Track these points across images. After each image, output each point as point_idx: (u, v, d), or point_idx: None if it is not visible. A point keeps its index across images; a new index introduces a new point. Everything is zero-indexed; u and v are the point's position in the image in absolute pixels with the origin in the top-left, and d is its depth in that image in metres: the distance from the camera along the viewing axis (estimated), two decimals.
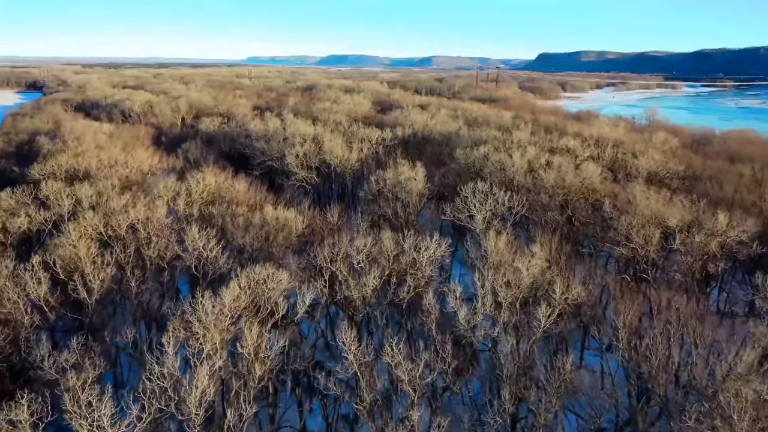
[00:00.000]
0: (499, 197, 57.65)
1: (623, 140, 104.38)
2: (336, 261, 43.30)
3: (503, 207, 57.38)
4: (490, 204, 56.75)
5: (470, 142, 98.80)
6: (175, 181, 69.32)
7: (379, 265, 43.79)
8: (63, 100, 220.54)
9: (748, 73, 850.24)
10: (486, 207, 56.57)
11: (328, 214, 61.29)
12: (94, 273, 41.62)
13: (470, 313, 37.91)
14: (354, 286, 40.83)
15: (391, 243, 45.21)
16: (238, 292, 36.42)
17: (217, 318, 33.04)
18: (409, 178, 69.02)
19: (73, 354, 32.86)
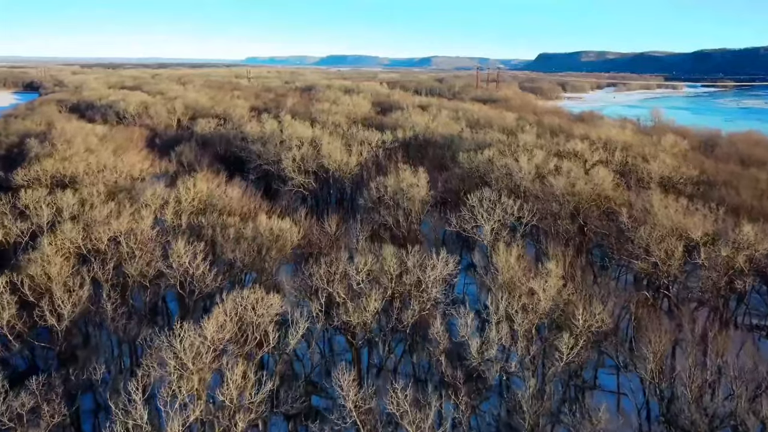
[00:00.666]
0: (508, 206, 53.96)
1: (631, 143, 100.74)
2: (333, 281, 39.64)
3: (512, 217, 53.70)
4: (499, 213, 53.13)
5: (473, 145, 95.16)
6: (165, 188, 65.65)
7: (380, 285, 40.11)
8: (58, 101, 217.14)
9: (748, 74, 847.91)
10: (494, 217, 52.96)
11: (325, 223, 57.65)
12: (65, 296, 37.77)
13: (483, 343, 34.19)
14: (353, 310, 37.16)
15: (393, 261, 41.47)
16: (223, 320, 32.76)
17: (197, 354, 29.35)
18: (411, 185, 65.39)
19: (31, 396, 28.88)
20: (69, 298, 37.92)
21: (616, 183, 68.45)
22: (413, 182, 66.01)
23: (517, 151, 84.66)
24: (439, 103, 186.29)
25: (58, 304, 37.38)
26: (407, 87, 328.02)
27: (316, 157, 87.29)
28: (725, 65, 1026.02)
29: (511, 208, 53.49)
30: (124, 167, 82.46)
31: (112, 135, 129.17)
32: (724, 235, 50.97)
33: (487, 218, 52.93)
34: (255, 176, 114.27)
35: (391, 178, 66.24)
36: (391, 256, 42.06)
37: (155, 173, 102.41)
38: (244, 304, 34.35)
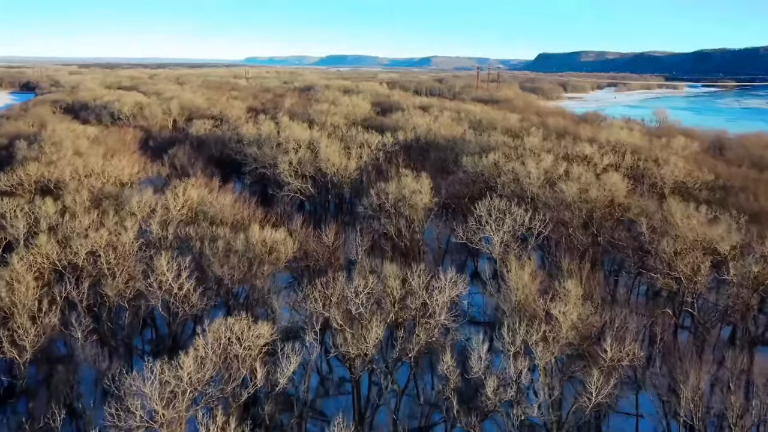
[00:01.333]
0: (518, 215, 50.26)
1: (640, 145, 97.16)
2: (329, 305, 35.95)
3: (523, 228, 50.01)
4: (508, 224, 49.46)
5: (477, 148, 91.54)
6: (153, 195, 61.95)
7: (382, 310, 36.44)
8: (53, 102, 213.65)
9: (748, 74, 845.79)
10: (503, 227, 49.31)
11: (323, 234, 53.96)
12: (28, 324, 33.96)
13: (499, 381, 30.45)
14: (352, 340, 33.46)
15: (396, 283, 37.72)
16: (204, 353, 29.11)
17: (169, 400, 25.59)
18: (413, 192, 61.72)
19: None
20: (33, 327, 34.05)
21: (630, 189, 64.73)
22: (415, 189, 62.35)
23: (523, 155, 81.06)
24: (440, 104, 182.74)
25: (18, 334, 33.55)
26: (407, 87, 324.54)
27: (314, 161, 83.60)
28: (725, 65, 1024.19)
29: (521, 218, 49.82)
30: (112, 172, 78.83)
31: (104, 137, 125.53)
32: (748, 247, 47.45)
33: (496, 229, 49.29)
34: (251, 180, 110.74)
35: (392, 184, 62.58)
36: (394, 276, 38.35)
37: (147, 177, 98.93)
38: (228, 336, 30.72)
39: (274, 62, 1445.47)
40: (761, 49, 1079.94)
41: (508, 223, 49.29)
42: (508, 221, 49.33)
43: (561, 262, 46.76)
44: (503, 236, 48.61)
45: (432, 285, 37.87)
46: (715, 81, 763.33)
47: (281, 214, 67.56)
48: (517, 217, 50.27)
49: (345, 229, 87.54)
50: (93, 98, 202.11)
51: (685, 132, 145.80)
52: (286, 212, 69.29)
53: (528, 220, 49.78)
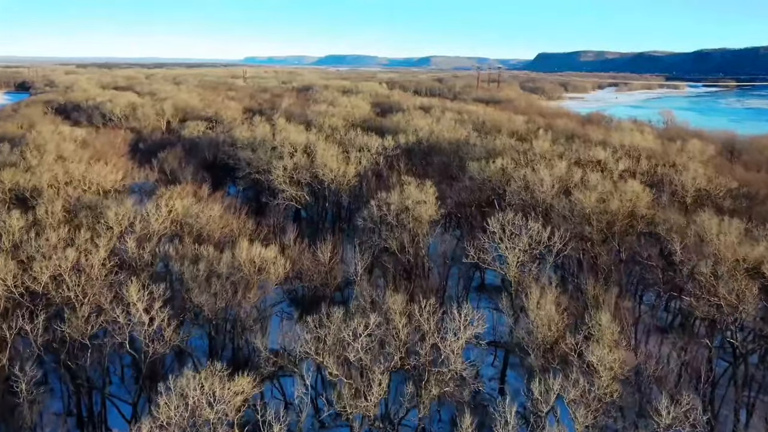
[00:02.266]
0: (533, 230, 45.01)
1: (654, 149, 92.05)
2: (322, 352, 30.72)
3: (541, 246, 44.86)
4: (525, 241, 44.31)
5: (483, 153, 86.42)
6: (135, 205, 56.73)
7: (385, 353, 31.25)
8: (45, 102, 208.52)
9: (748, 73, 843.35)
10: (519, 245, 44.16)
11: (318, 250, 48.78)
12: None
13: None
14: (349, 396, 28.28)
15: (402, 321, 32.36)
16: (167, 418, 24.07)
17: None
18: (418, 202, 56.61)
19: None
20: None
21: (654, 199, 59.54)
22: (420, 198, 57.21)
23: (533, 160, 75.95)
24: (441, 105, 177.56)
25: None
26: (407, 87, 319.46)
27: (311, 167, 78.39)
28: (725, 65, 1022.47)
29: (539, 234, 44.66)
30: (94, 178, 73.65)
31: (92, 139, 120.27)
32: None
33: (511, 246, 44.14)
34: (243, 186, 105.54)
35: (395, 194, 57.38)
36: (400, 313, 33.06)
37: (134, 183, 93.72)
38: (197, 397, 25.52)
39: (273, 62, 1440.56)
40: (761, 49, 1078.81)
41: (525, 241, 44.13)
42: (524, 238, 44.18)
43: (585, 284, 41.71)
44: (519, 256, 43.42)
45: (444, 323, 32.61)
46: (716, 81, 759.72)
47: (274, 226, 62.46)
48: (533, 233, 45.10)
49: (343, 240, 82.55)
50: (85, 99, 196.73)
51: (694, 134, 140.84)
52: (279, 224, 64.19)
53: (547, 237, 44.57)
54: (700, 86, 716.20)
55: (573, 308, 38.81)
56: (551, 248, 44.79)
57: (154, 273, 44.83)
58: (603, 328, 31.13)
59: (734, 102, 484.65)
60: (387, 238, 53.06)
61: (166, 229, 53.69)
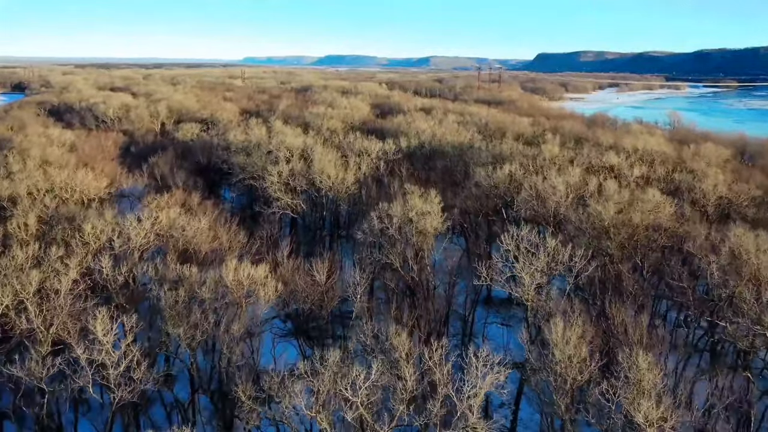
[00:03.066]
0: (553, 248, 40.56)
1: (668, 153, 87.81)
2: (316, 405, 26.27)
3: (562, 266, 40.41)
4: (543, 260, 39.91)
5: (489, 158, 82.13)
6: (116, 217, 52.33)
7: (389, 410, 26.78)
8: (38, 103, 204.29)
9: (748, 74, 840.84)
10: (536, 264, 39.74)
11: (314, 268, 44.39)
12: None
13: None
14: None
15: (409, 367, 27.82)
16: None
17: None
18: (422, 213, 52.25)
19: None
20: None
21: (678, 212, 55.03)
22: (425, 209, 52.83)
23: (543, 166, 71.63)
24: (442, 106, 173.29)
25: None
26: (406, 87, 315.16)
27: (307, 173, 74.01)
28: (725, 65, 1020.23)
29: (560, 254, 40.17)
30: (77, 186, 69.29)
31: (81, 143, 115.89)
32: None
33: (527, 266, 39.69)
34: (237, 193, 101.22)
35: (397, 205, 52.95)
36: (407, 354, 28.61)
37: (122, 188, 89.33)
38: None
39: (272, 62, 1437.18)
40: (761, 49, 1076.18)
41: (542, 260, 39.75)
42: (541, 257, 39.78)
43: (610, 308, 37.32)
44: (536, 275, 39.01)
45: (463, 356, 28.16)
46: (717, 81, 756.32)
47: (267, 238, 58.09)
48: (551, 252, 40.67)
49: (342, 251, 78.17)
50: (79, 100, 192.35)
51: (702, 136, 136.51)
52: (273, 235, 59.81)
53: (568, 257, 40.03)
54: (701, 86, 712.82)
55: (600, 338, 34.52)
56: (571, 268, 40.39)
57: (132, 295, 40.49)
58: (642, 373, 26.77)
59: (736, 102, 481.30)
60: (389, 253, 48.69)
61: (148, 243, 49.30)
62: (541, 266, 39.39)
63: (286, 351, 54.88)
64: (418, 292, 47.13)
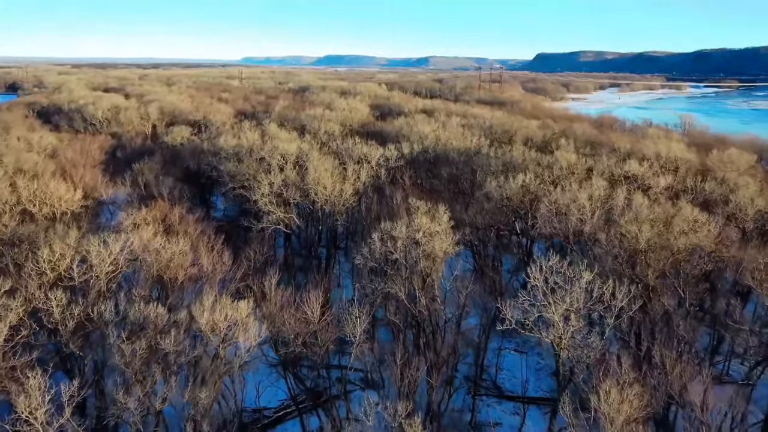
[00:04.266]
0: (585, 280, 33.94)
1: (692, 160, 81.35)
2: None
3: (601, 305, 33.60)
4: (578, 298, 33.31)
5: (500, 166, 75.63)
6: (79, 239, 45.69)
7: None
8: (27, 104, 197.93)
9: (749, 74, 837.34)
10: (569, 303, 33.20)
11: (306, 304, 37.87)
12: None
13: None
14: None
15: None
16: None
17: None
18: (431, 233, 45.74)
19: None
20: None
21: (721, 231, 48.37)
22: (433, 229, 46.30)
23: (560, 176, 65.22)
24: (444, 107, 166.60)
25: None
26: (406, 88, 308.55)
27: (302, 183, 67.45)
28: (725, 65, 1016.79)
29: (599, 289, 33.45)
30: (48, 198, 62.79)
31: (63, 148, 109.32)
32: None
33: (557, 304, 33.09)
34: (226, 205, 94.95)
35: (401, 224, 46.31)
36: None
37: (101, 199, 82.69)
38: None
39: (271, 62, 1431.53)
40: (761, 49, 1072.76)
41: (578, 298, 33.16)
42: (578, 294, 33.16)
43: (659, 358, 30.89)
44: (573, 320, 32.43)
45: None
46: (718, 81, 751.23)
47: (255, 260, 51.55)
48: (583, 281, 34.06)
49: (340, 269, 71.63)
50: (68, 101, 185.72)
51: (719, 139, 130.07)
52: (261, 256, 53.26)
53: (610, 296, 33.15)
54: (702, 87, 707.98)
55: (652, 396, 28.15)
56: (610, 305, 33.76)
57: (86, 341, 34.02)
58: None
59: (740, 103, 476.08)
60: (393, 281, 42.15)
61: (117, 269, 42.74)
62: (576, 305, 32.86)
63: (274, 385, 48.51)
64: (426, 328, 40.69)
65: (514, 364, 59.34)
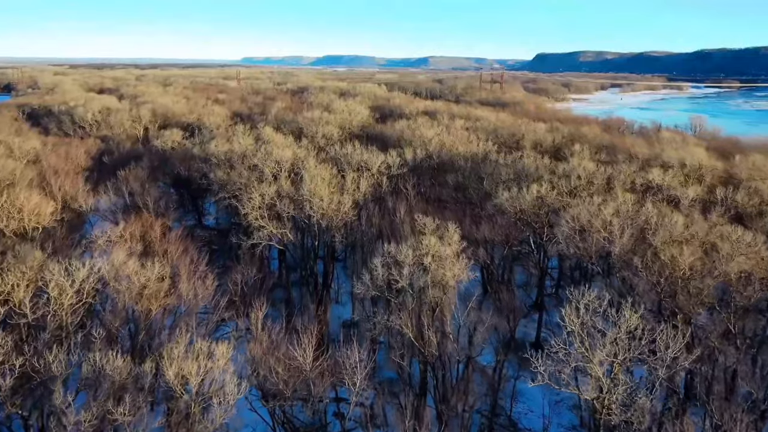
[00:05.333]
0: (629, 323, 28.24)
1: (715, 167, 75.72)
2: None
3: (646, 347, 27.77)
4: (622, 343, 27.53)
5: (511, 174, 69.95)
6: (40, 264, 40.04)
7: None
8: (18, 106, 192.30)
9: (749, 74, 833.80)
10: (610, 351, 27.42)
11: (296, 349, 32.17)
12: None
13: None
14: None
15: None
16: None
17: None
18: (440, 257, 40.06)
19: None
20: None
21: None
22: (443, 253, 40.62)
23: (578, 187, 59.63)
24: (447, 109, 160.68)
25: None
26: (406, 88, 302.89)
27: (296, 194, 61.77)
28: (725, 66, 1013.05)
29: (647, 332, 27.45)
30: (15, 213, 57.10)
31: (47, 153, 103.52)
32: None
33: (599, 353, 27.23)
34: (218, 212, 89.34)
35: (407, 248, 40.56)
36: None
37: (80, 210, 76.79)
38: None
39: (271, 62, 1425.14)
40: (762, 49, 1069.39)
41: (621, 344, 27.41)
42: (622, 337, 27.27)
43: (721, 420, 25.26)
44: (621, 380, 26.41)
45: None
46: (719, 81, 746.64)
47: (241, 285, 45.87)
48: (630, 327, 28.31)
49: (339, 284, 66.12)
50: (60, 103, 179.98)
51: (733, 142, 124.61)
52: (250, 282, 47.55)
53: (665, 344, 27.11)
54: (703, 87, 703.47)
55: None
56: (663, 357, 27.83)
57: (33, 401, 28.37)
58: None
59: (742, 103, 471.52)
60: (398, 315, 36.46)
61: (81, 302, 37.07)
62: (622, 355, 27.09)
63: None
64: (437, 369, 35.08)
65: (530, 394, 53.75)
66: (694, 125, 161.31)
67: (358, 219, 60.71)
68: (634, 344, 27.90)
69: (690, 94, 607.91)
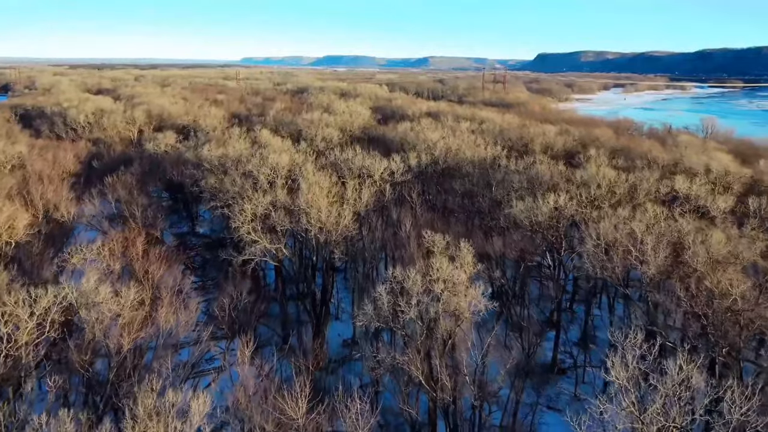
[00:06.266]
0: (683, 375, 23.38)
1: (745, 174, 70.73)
2: None
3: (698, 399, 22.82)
4: (672, 395, 22.66)
5: (524, 182, 65.03)
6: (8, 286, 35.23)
7: None
8: (11, 107, 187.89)
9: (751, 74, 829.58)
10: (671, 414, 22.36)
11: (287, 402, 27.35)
12: None
13: None
14: None
15: None
16: None
17: None
18: (453, 283, 35.20)
19: None
20: None
21: None
22: (455, 278, 35.75)
23: (599, 198, 54.71)
24: (451, 110, 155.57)
25: None
26: (407, 89, 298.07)
27: (293, 205, 56.92)
28: (727, 65, 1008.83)
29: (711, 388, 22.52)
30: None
31: (33, 158, 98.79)
32: None
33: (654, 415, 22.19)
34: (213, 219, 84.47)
35: (414, 272, 35.57)
36: None
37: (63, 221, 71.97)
38: None
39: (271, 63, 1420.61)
40: (763, 48, 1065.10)
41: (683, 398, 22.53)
42: (683, 398, 22.38)
43: None
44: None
45: None
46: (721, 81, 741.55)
47: (228, 311, 41.02)
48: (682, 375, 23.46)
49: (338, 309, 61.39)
50: (53, 104, 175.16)
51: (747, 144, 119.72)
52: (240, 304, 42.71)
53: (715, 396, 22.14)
54: (706, 87, 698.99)
55: None
56: (720, 411, 23.13)
57: None
58: None
59: (747, 103, 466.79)
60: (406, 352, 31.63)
61: (41, 336, 32.28)
62: (681, 418, 22.17)
63: None
64: (449, 418, 30.23)
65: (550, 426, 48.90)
66: (705, 127, 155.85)
67: (359, 231, 55.79)
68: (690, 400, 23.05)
69: (693, 94, 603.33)
